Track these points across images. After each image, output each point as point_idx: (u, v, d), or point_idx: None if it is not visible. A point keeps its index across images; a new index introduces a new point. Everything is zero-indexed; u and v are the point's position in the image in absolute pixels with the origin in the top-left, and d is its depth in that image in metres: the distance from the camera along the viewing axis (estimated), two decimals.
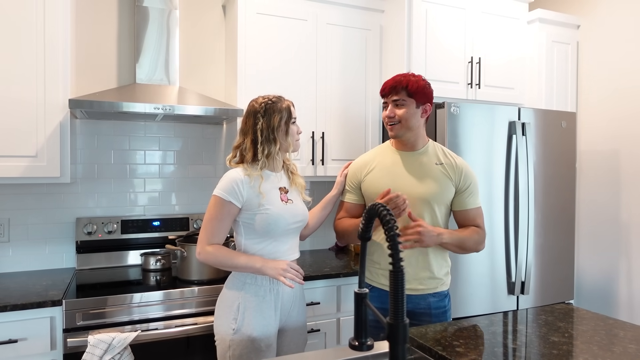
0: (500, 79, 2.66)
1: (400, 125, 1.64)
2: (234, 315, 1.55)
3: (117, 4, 2.43)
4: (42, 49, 1.97)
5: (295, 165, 1.75)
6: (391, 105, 1.66)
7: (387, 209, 0.78)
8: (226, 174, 1.59)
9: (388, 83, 1.66)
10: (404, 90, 1.61)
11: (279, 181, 1.66)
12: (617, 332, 1.34)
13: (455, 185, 1.67)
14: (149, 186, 2.50)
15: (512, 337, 1.31)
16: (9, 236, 2.24)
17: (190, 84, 2.58)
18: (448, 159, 1.70)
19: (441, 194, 1.65)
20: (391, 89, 1.64)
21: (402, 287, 0.70)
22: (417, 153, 1.70)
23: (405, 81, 1.62)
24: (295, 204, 1.66)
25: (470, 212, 1.70)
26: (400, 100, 1.62)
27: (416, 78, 1.63)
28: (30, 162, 1.96)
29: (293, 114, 1.65)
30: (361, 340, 0.91)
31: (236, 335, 1.54)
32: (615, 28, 2.74)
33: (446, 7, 2.52)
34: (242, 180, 1.56)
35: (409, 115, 1.63)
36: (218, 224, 1.56)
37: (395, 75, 1.66)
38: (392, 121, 1.65)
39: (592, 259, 2.87)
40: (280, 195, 1.63)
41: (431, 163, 1.68)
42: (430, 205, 1.64)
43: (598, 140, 2.83)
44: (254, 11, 2.33)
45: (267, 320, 1.57)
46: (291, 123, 1.64)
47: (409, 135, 1.66)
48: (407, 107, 1.63)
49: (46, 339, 1.74)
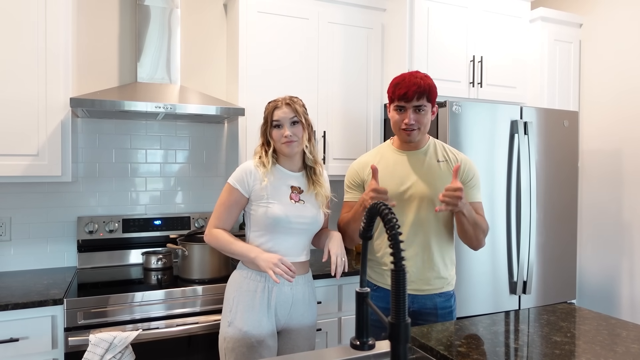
0: (502, 77, 2.65)
1: (419, 131, 1.62)
2: (230, 307, 1.60)
3: (118, 2, 2.43)
4: (44, 48, 1.97)
5: (319, 173, 1.70)
6: (412, 110, 1.59)
7: (388, 207, 0.78)
8: (242, 164, 1.67)
9: (410, 87, 1.55)
10: (425, 94, 1.57)
11: (292, 180, 1.66)
12: (620, 332, 1.33)
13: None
14: (150, 185, 2.50)
15: (514, 337, 1.31)
16: (11, 235, 2.24)
17: (191, 82, 2.58)
18: (449, 155, 1.70)
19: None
20: (414, 94, 1.55)
21: (404, 286, 0.69)
22: (419, 151, 1.69)
23: (426, 86, 1.56)
24: (307, 206, 1.65)
25: (473, 206, 1.67)
26: (423, 106, 1.59)
27: (431, 80, 1.60)
28: (31, 161, 1.96)
29: (274, 118, 1.60)
30: (362, 339, 0.91)
31: (229, 329, 1.58)
32: (618, 26, 2.73)
33: (448, 5, 2.51)
34: (252, 171, 1.62)
35: (428, 120, 1.62)
36: (225, 210, 1.63)
37: (410, 78, 1.57)
38: (412, 127, 1.60)
39: (594, 258, 2.86)
40: (291, 193, 1.63)
41: (433, 161, 1.68)
42: (435, 203, 1.63)
43: (600, 139, 2.82)
44: (256, 10, 2.33)
45: (259, 317, 1.58)
46: (272, 127, 1.61)
47: (422, 138, 1.67)
48: (427, 112, 1.61)
49: (47, 337, 1.74)
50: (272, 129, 1.62)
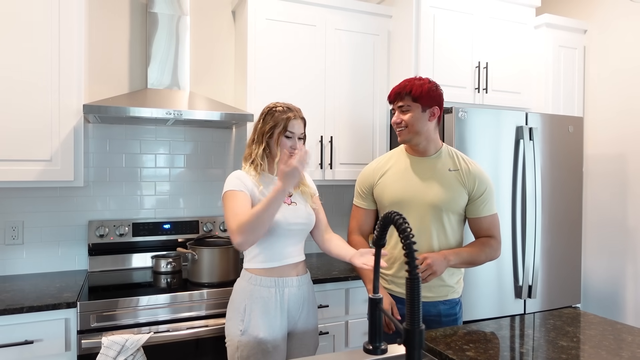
0: (508, 83, 2.68)
1: (407, 130, 1.65)
2: (241, 316, 1.59)
3: (128, 11, 2.47)
4: (57, 56, 2.01)
5: (303, 176, 1.76)
6: (397, 111, 1.67)
7: (402, 217, 0.81)
8: (230, 175, 1.66)
9: (394, 89, 1.68)
10: (408, 95, 1.63)
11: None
12: (625, 337, 1.35)
13: (468, 193, 1.65)
14: (159, 189, 2.54)
15: (521, 341, 1.33)
16: (23, 238, 2.28)
17: (200, 88, 2.61)
18: (462, 164, 1.68)
19: (452, 200, 1.64)
20: (396, 95, 1.66)
21: (419, 294, 0.72)
22: (430, 158, 1.69)
23: (409, 86, 1.63)
24: (299, 207, 1.68)
25: (485, 220, 1.68)
26: (405, 105, 1.64)
27: (421, 82, 1.63)
28: (45, 166, 2.00)
29: (289, 128, 1.63)
30: (375, 344, 0.94)
31: (243, 337, 1.57)
32: (623, 33, 2.75)
33: (454, 12, 2.54)
34: (243, 175, 1.63)
35: (414, 120, 1.63)
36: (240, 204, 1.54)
37: (402, 81, 1.68)
38: (400, 127, 1.66)
39: (599, 263, 2.88)
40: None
41: (444, 169, 1.67)
42: (440, 212, 1.64)
43: (605, 145, 2.84)
44: (264, 17, 2.36)
45: (273, 322, 1.60)
46: (284, 135, 1.63)
47: (418, 139, 1.66)
48: (412, 112, 1.63)
49: (61, 340, 1.78)
50: (282, 137, 1.64)
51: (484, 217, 1.67)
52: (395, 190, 1.67)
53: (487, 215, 1.68)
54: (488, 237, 1.69)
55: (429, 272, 1.52)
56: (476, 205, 1.67)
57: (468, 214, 1.69)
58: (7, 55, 1.93)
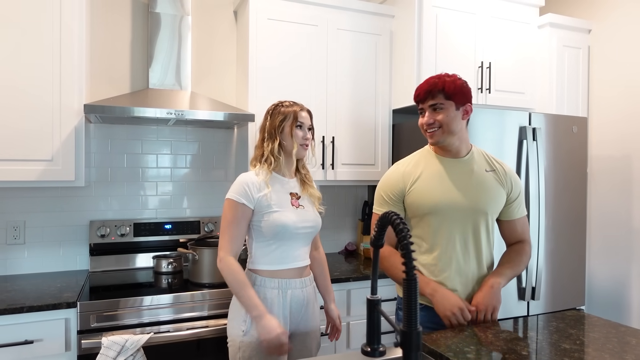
0: (511, 83, 2.66)
1: (441, 130, 1.51)
2: (244, 317, 1.58)
3: (130, 10, 2.47)
4: (58, 56, 2.01)
5: (310, 176, 1.76)
6: (429, 110, 1.52)
7: (399, 216, 0.80)
8: (238, 177, 1.63)
9: (422, 87, 1.52)
10: (440, 92, 1.49)
11: (290, 187, 1.68)
12: (630, 340, 1.33)
13: (507, 193, 1.57)
14: (160, 189, 2.53)
15: (523, 343, 1.31)
16: (25, 238, 2.28)
17: (202, 88, 2.61)
18: (496, 164, 1.60)
19: (496, 203, 1.55)
20: (427, 93, 1.51)
21: (416, 295, 0.71)
22: (464, 160, 1.57)
23: (441, 83, 1.49)
24: (307, 210, 1.68)
25: (519, 223, 1.61)
26: (438, 104, 1.50)
27: (452, 78, 1.51)
28: (46, 166, 2.00)
29: (299, 119, 1.65)
30: (373, 346, 0.93)
31: (245, 337, 1.56)
32: (627, 32, 2.73)
33: (456, 12, 2.53)
34: (253, 182, 1.60)
35: (449, 119, 1.50)
36: (235, 228, 1.58)
37: (429, 78, 1.54)
38: (432, 127, 1.52)
39: (603, 264, 2.85)
40: (291, 200, 1.65)
41: (481, 170, 1.56)
42: (486, 216, 1.54)
43: (609, 145, 2.81)
44: (265, 17, 2.36)
45: None
46: (295, 126, 1.64)
47: (451, 140, 1.54)
48: (447, 110, 1.50)
49: (61, 340, 1.78)
50: (294, 129, 1.64)
51: (518, 219, 1.61)
52: (435, 197, 1.53)
53: (521, 217, 1.61)
54: (521, 244, 1.63)
55: (490, 311, 1.48)
56: (512, 207, 1.59)
57: (502, 217, 1.61)
58: (7, 55, 1.93)
